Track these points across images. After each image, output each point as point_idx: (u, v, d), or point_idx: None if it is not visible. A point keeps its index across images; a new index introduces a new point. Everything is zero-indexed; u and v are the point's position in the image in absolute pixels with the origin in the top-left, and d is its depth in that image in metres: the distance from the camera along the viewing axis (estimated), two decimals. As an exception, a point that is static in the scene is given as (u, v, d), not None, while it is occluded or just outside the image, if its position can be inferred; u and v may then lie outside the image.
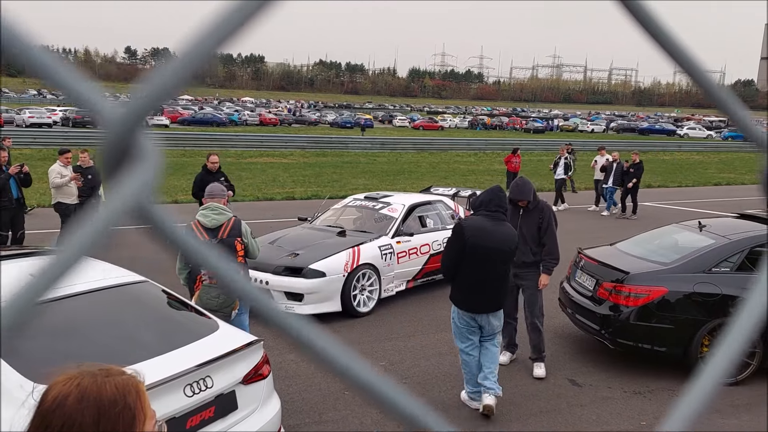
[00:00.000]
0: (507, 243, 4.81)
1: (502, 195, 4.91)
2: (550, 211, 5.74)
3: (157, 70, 0.34)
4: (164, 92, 0.34)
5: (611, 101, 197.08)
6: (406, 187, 18.50)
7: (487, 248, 4.73)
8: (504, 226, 4.85)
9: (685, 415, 0.41)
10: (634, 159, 15.33)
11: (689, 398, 0.42)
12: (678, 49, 0.43)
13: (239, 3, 0.34)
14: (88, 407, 1.11)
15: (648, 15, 0.41)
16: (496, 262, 4.79)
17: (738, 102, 0.47)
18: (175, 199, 16.27)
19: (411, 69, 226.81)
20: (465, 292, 4.85)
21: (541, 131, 59.98)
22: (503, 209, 4.87)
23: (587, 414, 5.01)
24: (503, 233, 4.81)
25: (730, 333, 0.44)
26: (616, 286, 5.79)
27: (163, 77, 0.34)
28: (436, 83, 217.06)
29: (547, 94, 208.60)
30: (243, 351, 3.53)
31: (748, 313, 0.45)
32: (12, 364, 2.78)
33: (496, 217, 4.81)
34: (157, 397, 2.92)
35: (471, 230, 4.77)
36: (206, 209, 5.08)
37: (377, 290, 7.63)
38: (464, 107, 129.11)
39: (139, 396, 1.15)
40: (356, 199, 9.28)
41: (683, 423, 0.41)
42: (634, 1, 0.40)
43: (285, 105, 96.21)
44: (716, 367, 0.42)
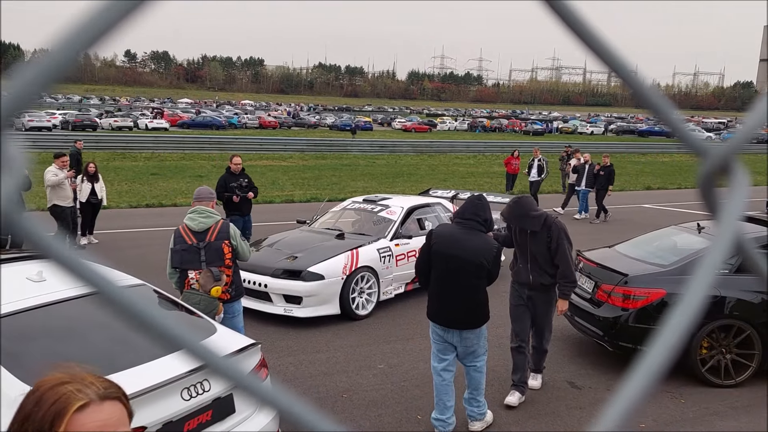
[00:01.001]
0: (478, 255, 4.42)
1: (479, 204, 4.61)
2: (560, 230, 5.06)
3: (21, 71, 0.32)
4: (27, 95, 0.32)
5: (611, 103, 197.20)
6: (405, 189, 18.50)
7: (452, 257, 4.44)
8: (477, 236, 4.49)
9: (618, 414, 0.40)
10: (605, 161, 14.91)
11: (621, 397, 0.41)
12: (607, 52, 0.43)
13: (109, 2, 0.32)
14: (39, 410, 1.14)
15: (574, 16, 0.40)
16: (465, 274, 4.45)
17: (670, 105, 0.46)
18: (174, 202, 16.27)
19: (410, 72, 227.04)
20: (433, 301, 4.62)
21: (541, 133, 60.01)
22: (479, 219, 4.52)
23: (586, 416, 5.00)
24: (475, 244, 4.45)
25: (665, 328, 0.43)
26: (615, 289, 5.79)
27: (26, 79, 0.32)
28: (435, 86, 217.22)
29: (547, 97, 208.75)
30: (240, 354, 3.52)
31: (684, 307, 0.44)
32: (9, 367, 2.77)
33: (469, 226, 4.50)
34: (154, 401, 2.92)
35: (437, 237, 4.57)
36: (194, 212, 5.08)
37: (376, 293, 7.63)
38: (463, 109, 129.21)
39: (59, 416, 1.14)
40: (355, 201, 9.28)
41: (616, 423, 0.40)
42: (560, 1, 0.39)
43: (284, 108, 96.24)
44: (651, 364, 0.42)
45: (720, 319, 5.60)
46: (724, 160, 0.48)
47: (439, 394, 4.63)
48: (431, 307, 4.63)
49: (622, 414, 0.40)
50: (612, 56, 0.43)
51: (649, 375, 0.41)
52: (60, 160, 9.83)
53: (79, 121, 42.51)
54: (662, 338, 0.42)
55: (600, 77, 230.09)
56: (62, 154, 10.07)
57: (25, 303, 3.18)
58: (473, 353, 4.62)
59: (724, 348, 5.62)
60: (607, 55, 0.43)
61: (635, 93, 0.45)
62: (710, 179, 0.48)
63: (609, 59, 0.43)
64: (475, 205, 4.60)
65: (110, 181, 19.21)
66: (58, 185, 9.68)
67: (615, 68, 0.43)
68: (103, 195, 10.84)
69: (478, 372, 4.67)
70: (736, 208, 0.49)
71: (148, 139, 33.64)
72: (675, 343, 0.42)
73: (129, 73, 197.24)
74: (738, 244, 0.49)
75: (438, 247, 4.50)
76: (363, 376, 5.73)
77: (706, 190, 0.48)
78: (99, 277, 0.34)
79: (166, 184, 20.02)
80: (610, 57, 0.43)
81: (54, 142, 28.47)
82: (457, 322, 4.51)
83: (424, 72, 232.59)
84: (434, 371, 4.67)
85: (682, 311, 0.44)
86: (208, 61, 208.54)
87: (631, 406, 0.40)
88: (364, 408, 5.09)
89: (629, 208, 17.27)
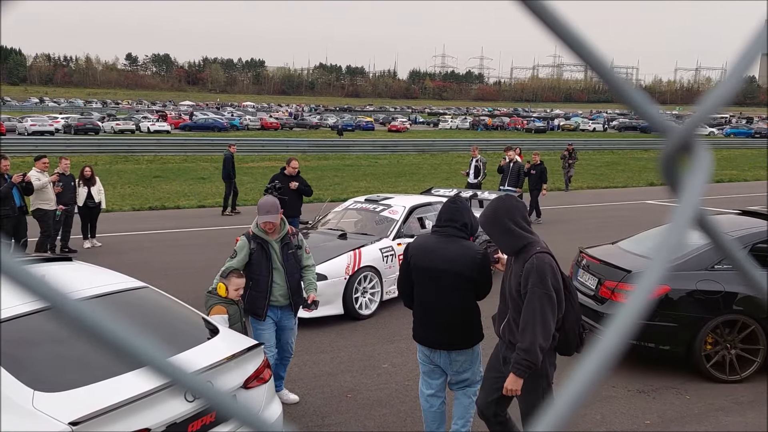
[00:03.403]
0: (457, 264, 3.88)
1: (453, 207, 4.07)
2: (535, 270, 3.44)
3: None
4: None
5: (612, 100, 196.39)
6: (408, 189, 18.50)
7: (430, 270, 3.94)
8: (454, 243, 3.95)
9: (560, 413, 0.40)
10: (535, 159, 14.50)
11: (563, 398, 0.40)
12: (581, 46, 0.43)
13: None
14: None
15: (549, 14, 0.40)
16: (446, 287, 3.93)
17: (635, 88, 0.47)
18: (177, 205, 16.30)
19: (411, 71, 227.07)
20: (416, 319, 4.13)
21: (543, 131, 59.96)
22: (456, 224, 4.00)
23: (591, 413, 4.99)
24: (452, 252, 3.91)
25: (611, 324, 0.43)
26: (618, 285, 5.78)
27: None
28: (436, 84, 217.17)
29: (548, 94, 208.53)
30: (244, 355, 3.53)
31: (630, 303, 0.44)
32: (12, 371, 2.78)
33: (446, 233, 3.99)
34: (158, 403, 2.93)
35: (414, 250, 4.08)
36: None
37: (379, 292, 7.63)
38: (465, 108, 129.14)
39: None
40: (357, 201, 9.28)
41: (557, 422, 0.39)
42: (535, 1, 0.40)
43: (286, 109, 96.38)
44: (593, 361, 0.41)
45: (724, 314, 5.58)
46: (685, 138, 0.48)
47: (427, 421, 4.25)
48: (415, 326, 4.14)
49: (565, 413, 0.39)
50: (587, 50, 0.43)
51: (590, 376, 0.40)
52: (41, 162, 9.78)
53: (82, 125, 42.62)
54: (606, 336, 0.42)
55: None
56: (43, 156, 10.00)
57: (28, 307, 3.18)
58: (465, 381, 4.12)
59: (728, 343, 5.60)
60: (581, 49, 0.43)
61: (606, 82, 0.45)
62: (672, 157, 0.49)
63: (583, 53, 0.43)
64: (450, 210, 4.07)
65: (113, 185, 19.25)
66: (41, 188, 9.67)
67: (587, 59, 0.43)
68: (101, 198, 10.83)
69: (469, 397, 4.15)
70: (697, 186, 0.49)
71: (151, 142, 33.69)
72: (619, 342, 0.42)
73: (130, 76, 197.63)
74: (699, 221, 0.49)
75: (416, 261, 4.00)
76: (367, 375, 5.73)
77: (668, 169, 0.49)
78: (48, 288, 0.33)
79: (169, 186, 20.05)
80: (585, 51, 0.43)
81: (56, 146, 28.52)
82: (443, 342, 4.01)
83: (426, 71, 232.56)
84: (421, 395, 4.27)
85: (638, 291, 0.44)
86: (209, 63, 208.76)
87: (574, 404, 0.39)
88: (369, 408, 5.08)
89: (632, 205, 17.25)
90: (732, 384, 5.54)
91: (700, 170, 0.50)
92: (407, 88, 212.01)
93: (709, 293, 5.56)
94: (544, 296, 3.42)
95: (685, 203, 0.48)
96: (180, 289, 5.26)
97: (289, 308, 4.96)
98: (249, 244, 4.88)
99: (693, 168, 0.50)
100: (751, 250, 5.73)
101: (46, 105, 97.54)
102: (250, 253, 4.85)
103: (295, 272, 4.96)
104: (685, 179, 0.50)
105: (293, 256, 4.97)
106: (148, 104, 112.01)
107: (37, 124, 40.33)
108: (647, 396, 5.34)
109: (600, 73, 0.45)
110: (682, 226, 0.47)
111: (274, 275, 4.86)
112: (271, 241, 4.88)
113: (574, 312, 3.65)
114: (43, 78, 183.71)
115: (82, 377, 2.92)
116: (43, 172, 9.72)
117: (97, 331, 0.32)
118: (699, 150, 0.50)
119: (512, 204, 3.66)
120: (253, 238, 4.90)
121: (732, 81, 0.50)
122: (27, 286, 0.32)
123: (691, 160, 0.50)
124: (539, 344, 3.41)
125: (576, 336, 3.69)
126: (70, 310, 0.32)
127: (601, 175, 25.47)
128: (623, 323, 0.42)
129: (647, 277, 0.44)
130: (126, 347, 0.33)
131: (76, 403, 2.72)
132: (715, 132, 59.80)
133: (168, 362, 0.35)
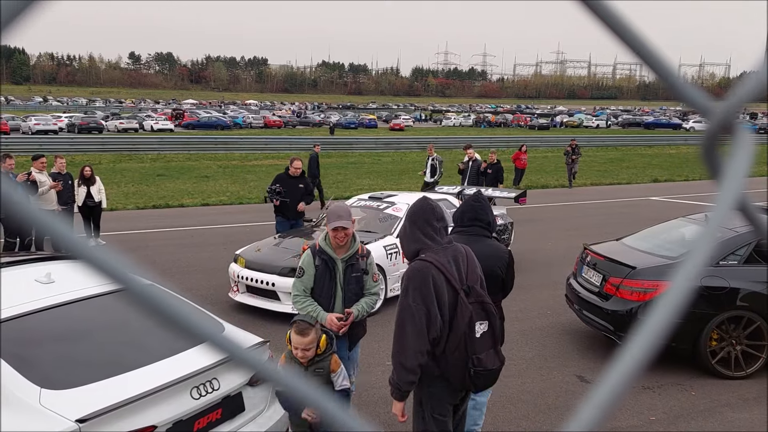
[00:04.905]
0: (486, 264, 3.55)
1: (477, 206, 3.93)
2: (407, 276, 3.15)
3: None
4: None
5: (616, 96, 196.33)
6: (411, 186, 18.48)
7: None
8: (482, 243, 3.77)
9: (593, 414, 0.39)
10: (491, 158, 14.33)
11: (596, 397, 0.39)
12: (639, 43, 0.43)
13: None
14: None
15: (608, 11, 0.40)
16: None
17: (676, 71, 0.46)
18: (180, 203, 16.33)
19: (414, 68, 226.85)
20: None
21: (546, 128, 59.85)
22: (481, 223, 3.85)
23: (596, 410, 4.99)
24: (480, 252, 3.54)
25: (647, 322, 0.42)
26: (623, 282, 5.77)
27: None
28: (439, 82, 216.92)
29: (552, 91, 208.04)
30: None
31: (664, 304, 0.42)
32: (19, 369, 2.79)
33: (471, 232, 3.83)
34: (164, 400, 2.94)
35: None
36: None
37: (383, 290, 7.63)
38: (468, 105, 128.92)
39: None
40: (360, 199, 9.28)
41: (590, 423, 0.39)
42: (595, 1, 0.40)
43: (289, 107, 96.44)
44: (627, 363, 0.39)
45: (729, 310, 5.56)
46: (728, 118, 0.46)
47: None
48: None
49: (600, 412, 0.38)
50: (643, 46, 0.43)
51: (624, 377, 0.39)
52: (39, 162, 9.66)
53: (85, 124, 42.72)
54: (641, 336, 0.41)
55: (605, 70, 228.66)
56: (41, 155, 9.88)
57: (35, 305, 3.20)
58: None
59: (734, 339, 5.59)
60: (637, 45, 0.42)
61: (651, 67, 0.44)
62: (713, 139, 0.47)
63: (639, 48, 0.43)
64: (474, 208, 3.93)
65: (116, 183, 19.29)
66: (43, 193, 9.60)
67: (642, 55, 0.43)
68: (102, 197, 10.80)
69: (477, 409, 3.98)
70: (740, 169, 0.47)
71: (154, 141, 33.75)
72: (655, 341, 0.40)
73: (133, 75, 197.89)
74: (741, 205, 0.48)
75: None
76: (372, 373, 5.73)
77: (709, 151, 0.47)
78: (125, 273, 0.35)
79: (173, 185, 20.09)
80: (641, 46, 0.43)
81: (60, 145, 28.59)
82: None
83: (428, 68, 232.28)
84: None
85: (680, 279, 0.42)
86: (212, 61, 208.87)
87: (610, 403, 0.38)
88: (373, 405, 5.09)
89: (637, 201, 17.20)
90: (737, 380, 5.53)
91: (741, 154, 0.48)
92: (410, 85, 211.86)
93: (715, 289, 5.54)
94: (405, 309, 3.06)
95: (727, 188, 0.47)
96: (186, 287, 5.27)
97: (344, 338, 4.26)
98: (314, 261, 4.24)
99: (734, 150, 0.48)
100: (756, 245, 5.72)
101: (50, 104, 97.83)
102: (315, 270, 4.23)
103: (353, 299, 4.25)
104: (726, 163, 0.48)
105: (356, 281, 4.25)
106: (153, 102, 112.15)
107: (41, 123, 40.44)
108: (652, 392, 5.33)
109: (645, 60, 0.44)
110: (723, 209, 0.45)
111: (336, 298, 4.23)
112: (337, 258, 4.22)
113: (459, 341, 3.07)
114: (47, 77, 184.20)
115: (89, 375, 2.93)
116: (41, 172, 9.69)
117: (165, 312, 0.36)
118: (740, 131, 0.48)
119: (421, 206, 3.31)
120: (319, 253, 4.24)
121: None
122: (101, 268, 0.34)
123: (732, 143, 0.48)
124: (401, 362, 3.07)
125: (461, 369, 3.10)
126: (143, 293, 0.35)
127: (605, 172, 25.41)
128: (663, 316, 0.40)
129: (689, 265, 0.42)
130: (187, 325, 0.37)
131: (83, 400, 2.73)
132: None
133: (224, 337, 0.38)
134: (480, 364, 3.10)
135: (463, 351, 3.07)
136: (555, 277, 8.40)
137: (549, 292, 8.07)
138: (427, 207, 3.30)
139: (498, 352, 3.24)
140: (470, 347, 3.08)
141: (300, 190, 9.18)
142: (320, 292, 4.20)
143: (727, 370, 5.57)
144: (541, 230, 12.34)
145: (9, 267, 3.69)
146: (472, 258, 3.29)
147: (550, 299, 7.74)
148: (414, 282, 3.04)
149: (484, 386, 3.25)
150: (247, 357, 0.38)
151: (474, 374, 3.10)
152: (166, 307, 0.36)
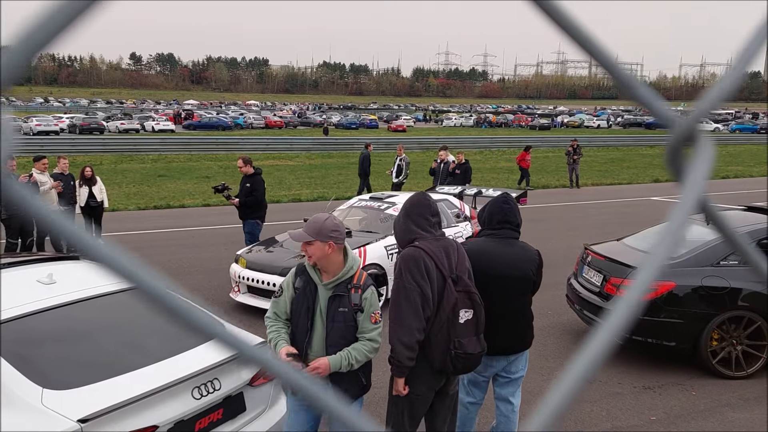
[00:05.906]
0: (519, 267, 3.75)
1: (507, 208, 3.88)
2: (401, 259, 3.35)
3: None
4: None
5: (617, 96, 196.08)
6: (412, 187, 18.49)
7: (491, 277, 3.66)
8: (513, 245, 3.82)
9: (550, 413, 0.40)
10: (459, 159, 14.46)
11: (553, 396, 0.41)
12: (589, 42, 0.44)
13: (62, 3, 0.32)
14: None
15: (560, 13, 0.42)
16: (512, 291, 3.77)
17: (642, 83, 0.49)
18: (182, 203, 16.34)
19: (415, 68, 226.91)
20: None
21: (547, 128, 59.86)
22: (511, 224, 3.85)
23: (597, 410, 5.00)
24: (512, 255, 3.76)
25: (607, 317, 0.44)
26: (623, 282, 5.77)
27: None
28: (440, 82, 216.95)
29: (553, 91, 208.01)
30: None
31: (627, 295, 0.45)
32: (20, 369, 2.80)
33: (502, 235, 3.83)
34: (165, 400, 2.94)
35: (471, 256, 3.64)
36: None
37: (384, 290, 7.64)
38: (469, 105, 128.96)
39: None
40: (361, 199, 9.30)
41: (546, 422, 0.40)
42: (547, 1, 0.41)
43: (290, 107, 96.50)
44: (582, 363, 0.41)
45: (730, 310, 5.57)
46: (690, 130, 0.51)
47: (462, 426, 4.04)
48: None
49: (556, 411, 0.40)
50: (594, 46, 0.45)
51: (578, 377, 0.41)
52: (40, 163, 9.63)
53: (87, 125, 42.78)
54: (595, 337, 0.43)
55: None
56: (42, 157, 9.83)
57: (37, 305, 3.21)
58: (520, 379, 3.97)
59: (734, 339, 5.59)
60: (588, 46, 0.44)
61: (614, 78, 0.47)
62: (677, 148, 0.52)
63: (590, 49, 0.44)
64: (504, 210, 3.87)
65: (118, 184, 19.32)
66: (44, 194, 9.60)
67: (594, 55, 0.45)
68: (103, 197, 10.81)
69: (514, 413, 3.99)
70: (700, 174, 0.52)
71: (155, 141, 33.78)
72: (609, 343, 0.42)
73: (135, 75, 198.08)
74: (701, 205, 0.53)
75: (477, 268, 3.56)
76: (374, 373, 5.73)
77: (673, 157, 0.52)
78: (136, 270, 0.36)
79: (174, 185, 20.11)
80: (592, 47, 0.44)
81: (61, 146, 28.62)
82: (513, 347, 3.85)
83: (429, 68, 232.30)
84: (460, 402, 3.92)
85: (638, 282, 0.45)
86: (212, 62, 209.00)
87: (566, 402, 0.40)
88: (375, 405, 5.10)
89: (637, 201, 17.20)
90: (738, 380, 5.53)
91: (702, 160, 0.53)
92: (411, 85, 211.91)
93: (715, 289, 5.55)
94: (401, 289, 3.23)
95: (689, 190, 0.52)
96: (187, 287, 5.28)
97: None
98: (294, 281, 3.33)
99: (696, 158, 0.53)
100: (756, 246, 5.72)
101: (51, 105, 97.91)
102: (294, 293, 3.31)
103: (339, 341, 3.18)
104: (688, 169, 0.53)
105: (342, 318, 3.20)
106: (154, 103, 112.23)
107: (42, 124, 40.48)
108: (653, 392, 5.34)
109: (607, 69, 0.47)
110: (685, 212, 0.50)
111: (313, 334, 3.23)
112: (319, 283, 3.27)
113: (443, 324, 3.25)
114: (48, 78, 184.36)
115: (91, 375, 2.94)
116: (42, 173, 9.68)
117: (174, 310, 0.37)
118: (702, 141, 0.53)
119: (418, 200, 3.52)
120: (301, 272, 3.35)
121: (734, 75, 0.52)
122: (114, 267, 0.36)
123: (694, 151, 0.53)
124: (398, 338, 3.22)
125: (443, 352, 3.26)
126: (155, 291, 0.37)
127: (606, 172, 25.41)
128: (619, 316, 0.43)
129: (647, 267, 0.45)
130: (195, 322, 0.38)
131: (85, 400, 2.74)
132: (720, 128, 59.56)
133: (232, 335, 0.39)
134: (461, 347, 3.30)
135: (446, 334, 3.27)
136: (555, 277, 8.40)
137: (549, 292, 8.06)
138: (424, 201, 3.51)
139: (480, 340, 3.42)
140: (453, 331, 3.28)
141: (245, 189, 9.01)
142: (296, 322, 3.27)
143: (727, 370, 5.57)
144: (542, 230, 12.35)
145: (11, 268, 3.70)
146: (462, 252, 3.48)
147: (551, 299, 7.74)
148: (407, 264, 3.26)
149: (463, 369, 3.42)
150: (255, 353, 0.39)
151: (454, 356, 3.30)
152: (177, 305, 0.37)
